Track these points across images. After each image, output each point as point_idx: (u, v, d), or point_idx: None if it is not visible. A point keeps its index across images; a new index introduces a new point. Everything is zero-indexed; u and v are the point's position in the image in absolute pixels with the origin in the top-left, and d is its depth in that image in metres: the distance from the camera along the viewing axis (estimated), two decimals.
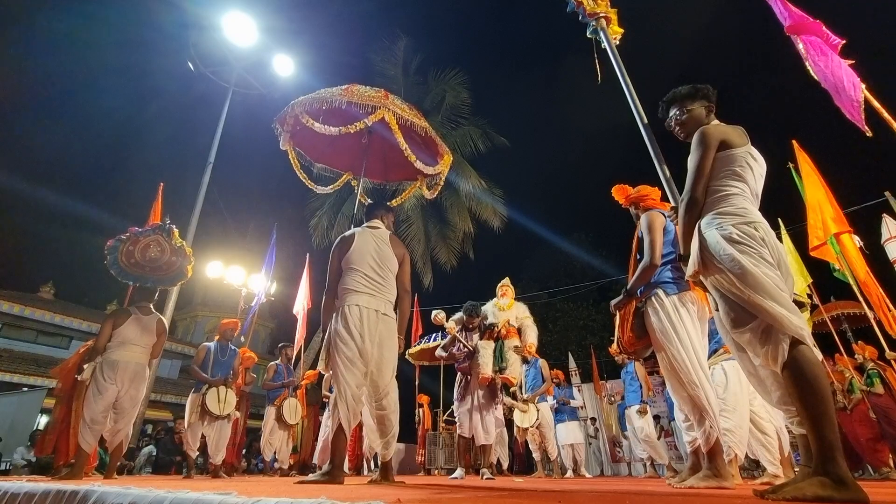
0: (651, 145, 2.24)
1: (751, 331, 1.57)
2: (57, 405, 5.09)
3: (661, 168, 2.19)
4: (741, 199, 1.75)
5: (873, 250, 6.08)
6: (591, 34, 2.77)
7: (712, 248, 1.67)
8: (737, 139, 1.83)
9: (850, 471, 1.36)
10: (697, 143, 1.84)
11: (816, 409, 1.42)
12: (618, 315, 2.81)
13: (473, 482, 3.73)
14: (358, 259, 2.83)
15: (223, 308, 24.00)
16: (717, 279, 1.66)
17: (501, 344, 4.72)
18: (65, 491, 1.61)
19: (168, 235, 4.23)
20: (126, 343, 3.82)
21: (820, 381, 1.45)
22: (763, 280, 1.55)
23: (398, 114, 3.64)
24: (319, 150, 4.54)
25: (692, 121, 2.04)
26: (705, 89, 2.08)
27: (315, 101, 3.69)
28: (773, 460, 3.35)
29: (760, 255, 1.61)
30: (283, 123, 3.86)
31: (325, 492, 1.29)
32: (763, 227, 1.68)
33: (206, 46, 11.81)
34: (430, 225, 15.33)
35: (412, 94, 15.32)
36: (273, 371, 6.56)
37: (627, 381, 6.33)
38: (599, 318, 18.65)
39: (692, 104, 2.08)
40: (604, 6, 2.79)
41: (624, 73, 2.49)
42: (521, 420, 6.10)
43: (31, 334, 16.34)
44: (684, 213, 1.83)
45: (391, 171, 4.74)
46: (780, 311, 1.50)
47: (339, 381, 2.60)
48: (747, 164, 1.79)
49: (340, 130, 3.62)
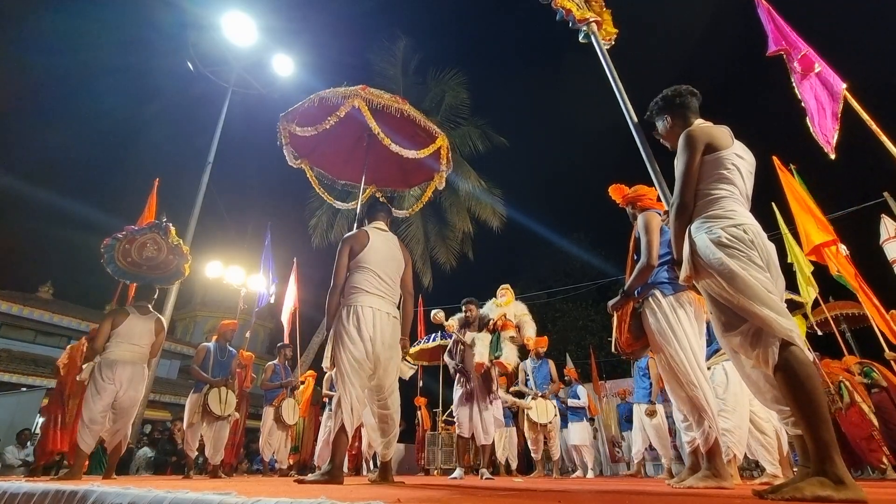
0: (642, 146, 2.24)
1: (741, 334, 1.59)
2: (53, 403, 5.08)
3: (652, 168, 2.19)
4: (730, 201, 1.75)
5: (873, 250, 6.10)
6: (583, 39, 2.78)
7: (702, 252, 1.68)
8: (722, 140, 1.83)
9: (850, 471, 1.37)
10: (683, 146, 1.85)
11: (810, 409, 1.43)
12: (615, 316, 2.81)
13: (473, 482, 3.73)
14: (372, 260, 2.81)
15: (222, 308, 23.98)
16: (707, 283, 1.68)
17: (498, 335, 4.75)
18: (64, 491, 1.61)
19: (165, 234, 4.22)
20: (125, 343, 3.82)
21: (812, 381, 1.46)
22: (752, 283, 1.56)
23: (369, 99, 3.62)
24: (338, 167, 4.60)
25: (674, 130, 2.04)
26: (679, 96, 2.07)
27: (296, 107, 3.76)
28: (773, 460, 3.35)
29: (749, 258, 1.61)
30: (283, 138, 3.96)
31: (325, 492, 1.30)
32: (752, 229, 1.68)
33: (206, 46, 11.83)
34: (430, 225, 15.33)
35: (411, 94, 15.32)
36: (271, 371, 6.55)
37: (638, 377, 6.25)
38: (598, 319, 18.65)
39: (669, 112, 2.09)
40: (596, 9, 2.79)
41: (615, 76, 2.49)
42: (538, 416, 6.08)
43: (30, 334, 16.31)
44: (675, 218, 1.84)
45: (410, 176, 4.75)
46: (768, 314, 1.51)
47: (345, 382, 2.58)
48: (734, 165, 1.79)
49: (317, 129, 3.65)
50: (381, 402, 2.72)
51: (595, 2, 2.80)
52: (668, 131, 2.10)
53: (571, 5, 2.75)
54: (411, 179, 4.84)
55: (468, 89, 15.52)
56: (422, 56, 16.23)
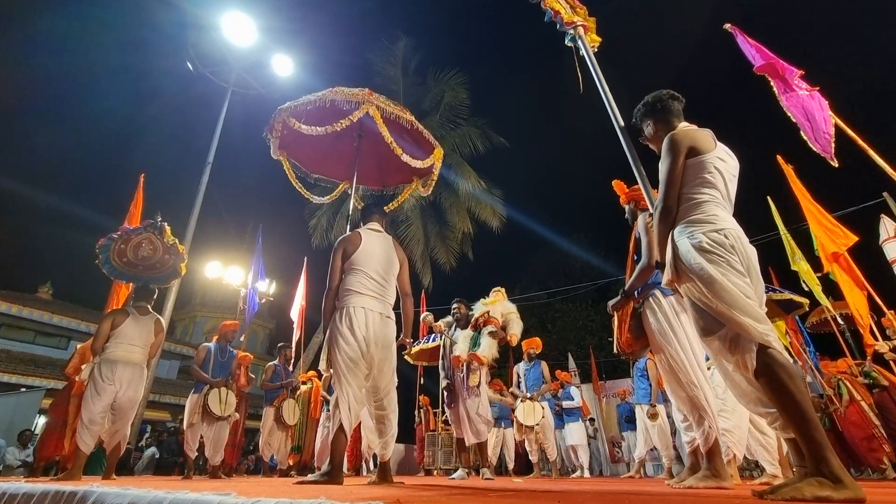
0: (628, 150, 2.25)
1: (719, 339, 1.61)
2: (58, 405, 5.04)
3: (637, 170, 2.20)
4: (712, 205, 1.77)
5: (872, 251, 6.10)
6: (569, 42, 2.78)
7: (683, 256, 1.70)
8: (705, 144, 1.84)
9: (850, 471, 1.37)
10: (666, 150, 1.87)
11: (795, 410, 1.44)
12: (616, 316, 2.81)
13: (472, 482, 3.73)
14: (364, 261, 2.82)
15: (222, 308, 23.99)
16: (688, 287, 1.70)
17: (478, 332, 4.76)
18: (63, 492, 1.61)
19: (160, 233, 4.19)
20: (124, 343, 3.81)
21: (794, 383, 1.47)
22: (730, 289, 1.58)
23: (382, 108, 3.65)
24: (314, 161, 4.57)
25: (658, 134, 2.07)
26: (660, 101, 2.10)
27: (300, 104, 3.72)
28: (772, 461, 3.36)
29: (729, 264, 1.63)
30: (272, 131, 3.86)
31: (325, 492, 1.29)
32: (733, 234, 1.70)
33: (205, 46, 11.84)
34: (430, 225, 15.32)
35: (411, 94, 15.34)
36: (271, 371, 6.54)
37: (637, 378, 6.25)
38: (598, 319, 18.65)
39: (652, 118, 2.12)
40: (582, 15, 2.79)
41: (601, 80, 2.49)
42: (524, 417, 6.08)
43: (30, 335, 16.30)
44: (658, 222, 1.86)
45: (387, 176, 4.75)
46: (744, 320, 1.53)
47: (341, 382, 2.60)
48: (716, 168, 1.81)
49: (327, 129, 3.63)
50: (377, 403, 2.73)
51: (580, 9, 2.80)
52: (653, 136, 2.13)
53: (560, 7, 2.74)
54: (388, 180, 4.84)
55: (468, 89, 15.55)
56: (422, 56, 16.25)
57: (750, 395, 1.61)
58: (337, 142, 4.31)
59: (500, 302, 5.16)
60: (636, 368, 6.33)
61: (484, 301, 5.18)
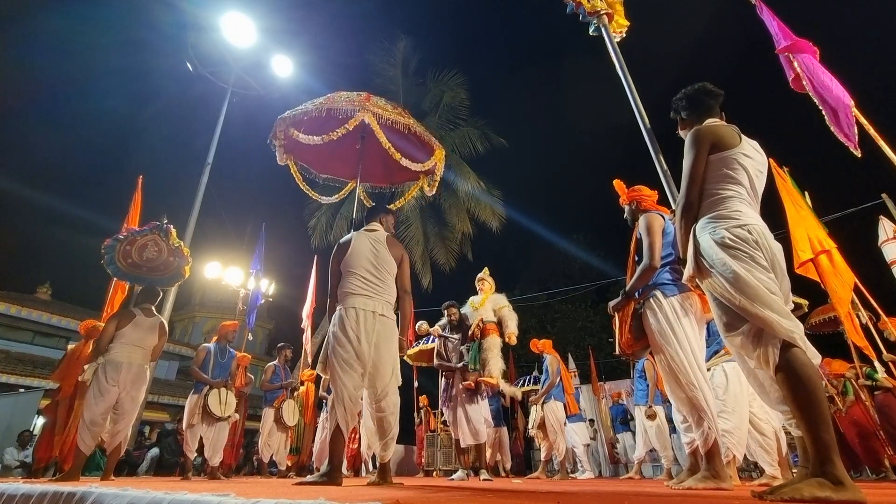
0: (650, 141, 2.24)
1: (742, 334, 1.59)
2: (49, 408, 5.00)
3: (658, 163, 2.19)
4: (736, 201, 1.75)
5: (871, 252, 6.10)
6: (593, 32, 2.75)
7: (705, 252, 1.69)
8: (729, 140, 1.82)
9: (848, 472, 1.37)
10: (689, 145, 1.86)
11: (810, 410, 1.43)
12: (616, 317, 2.81)
13: (471, 483, 3.73)
14: (354, 262, 2.86)
15: (221, 309, 23.96)
16: (710, 283, 1.68)
17: (477, 345, 4.70)
18: (62, 492, 1.61)
19: (165, 235, 4.20)
20: (129, 344, 3.81)
21: (813, 383, 1.46)
22: (754, 284, 1.56)
23: (379, 114, 3.66)
24: (321, 161, 4.61)
25: (686, 129, 2.06)
26: (688, 96, 2.10)
27: (298, 113, 3.75)
28: (772, 462, 3.35)
29: (753, 259, 1.61)
30: (276, 138, 3.95)
31: (324, 493, 1.29)
32: (757, 230, 1.68)
33: (205, 47, 11.83)
34: (429, 226, 15.31)
35: (411, 95, 15.33)
36: (271, 372, 6.54)
37: (636, 379, 6.27)
38: (598, 320, 18.66)
39: (686, 110, 2.11)
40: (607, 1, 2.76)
41: (624, 69, 2.48)
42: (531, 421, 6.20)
43: (28, 335, 16.26)
44: (680, 217, 1.85)
45: (394, 174, 4.76)
46: (769, 315, 1.52)
47: (337, 383, 2.61)
48: (740, 164, 1.79)
49: (324, 139, 3.67)
50: (376, 404, 2.72)
51: None
52: (682, 129, 2.12)
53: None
54: (394, 177, 4.87)
55: (468, 90, 15.52)
56: (421, 56, 16.23)
57: (772, 393, 1.60)
58: (342, 142, 4.35)
59: (490, 298, 5.12)
60: (636, 370, 6.34)
61: (473, 302, 5.12)
